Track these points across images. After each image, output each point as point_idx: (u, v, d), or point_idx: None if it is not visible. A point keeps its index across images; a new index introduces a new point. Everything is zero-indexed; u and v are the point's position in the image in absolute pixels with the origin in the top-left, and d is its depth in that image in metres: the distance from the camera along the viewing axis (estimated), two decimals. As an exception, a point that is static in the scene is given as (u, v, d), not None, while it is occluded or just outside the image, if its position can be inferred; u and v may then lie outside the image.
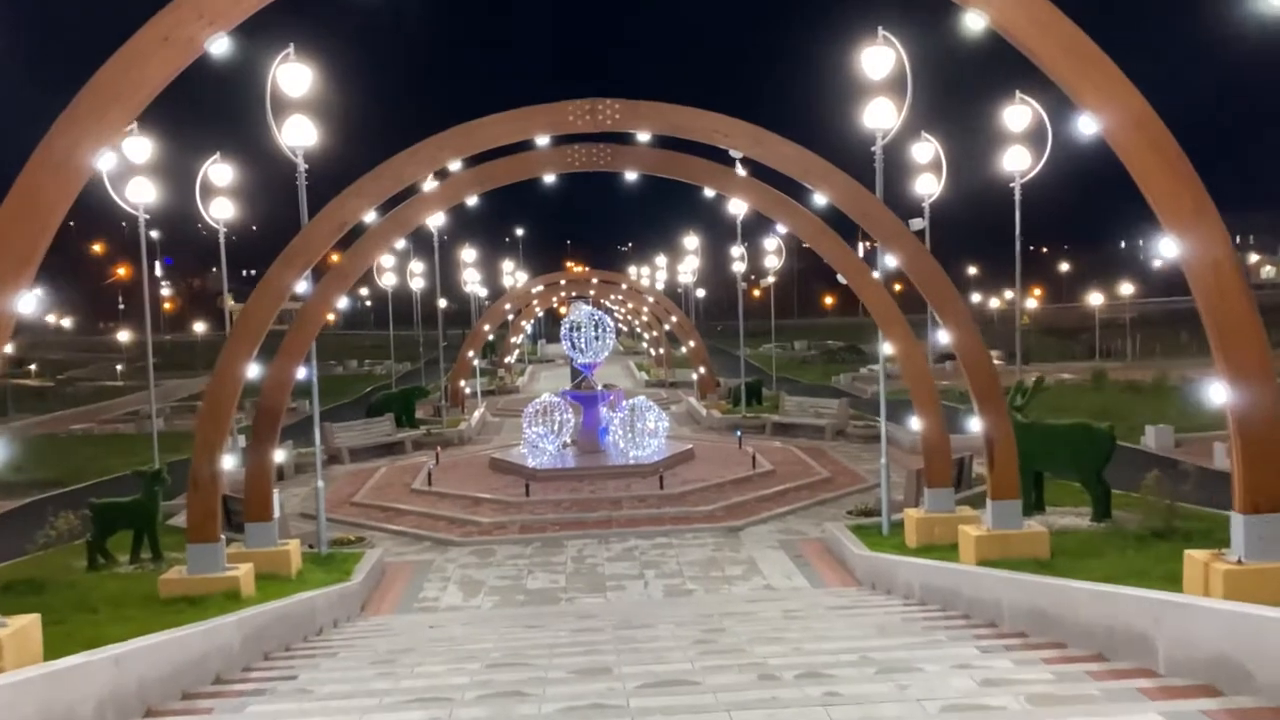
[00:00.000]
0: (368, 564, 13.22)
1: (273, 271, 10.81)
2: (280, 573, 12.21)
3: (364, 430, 24.41)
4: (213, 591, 10.52)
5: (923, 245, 10.68)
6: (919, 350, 12.62)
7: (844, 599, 10.84)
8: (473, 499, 17.49)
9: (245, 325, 10.74)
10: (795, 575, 12.88)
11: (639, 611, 10.72)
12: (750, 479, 18.18)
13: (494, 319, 39.41)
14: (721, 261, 61.15)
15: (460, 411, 31.28)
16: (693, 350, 35.31)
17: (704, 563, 13.64)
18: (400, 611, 12.18)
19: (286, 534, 14.84)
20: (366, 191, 10.81)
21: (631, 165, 12.40)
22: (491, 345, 56.22)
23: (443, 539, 15.44)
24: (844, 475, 18.92)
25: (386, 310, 40.64)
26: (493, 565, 14.05)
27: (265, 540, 12.37)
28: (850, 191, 10.80)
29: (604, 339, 20.56)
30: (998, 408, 10.67)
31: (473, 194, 12.67)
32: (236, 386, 10.78)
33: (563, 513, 16.39)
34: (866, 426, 23.36)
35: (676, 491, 17.09)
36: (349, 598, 11.85)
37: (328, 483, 20.97)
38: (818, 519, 15.86)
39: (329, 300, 12.65)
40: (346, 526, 16.64)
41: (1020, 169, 17.34)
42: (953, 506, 12.61)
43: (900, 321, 12.62)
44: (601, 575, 13.31)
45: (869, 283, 12.59)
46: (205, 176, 20.94)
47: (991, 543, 10.55)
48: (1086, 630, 6.73)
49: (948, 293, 10.69)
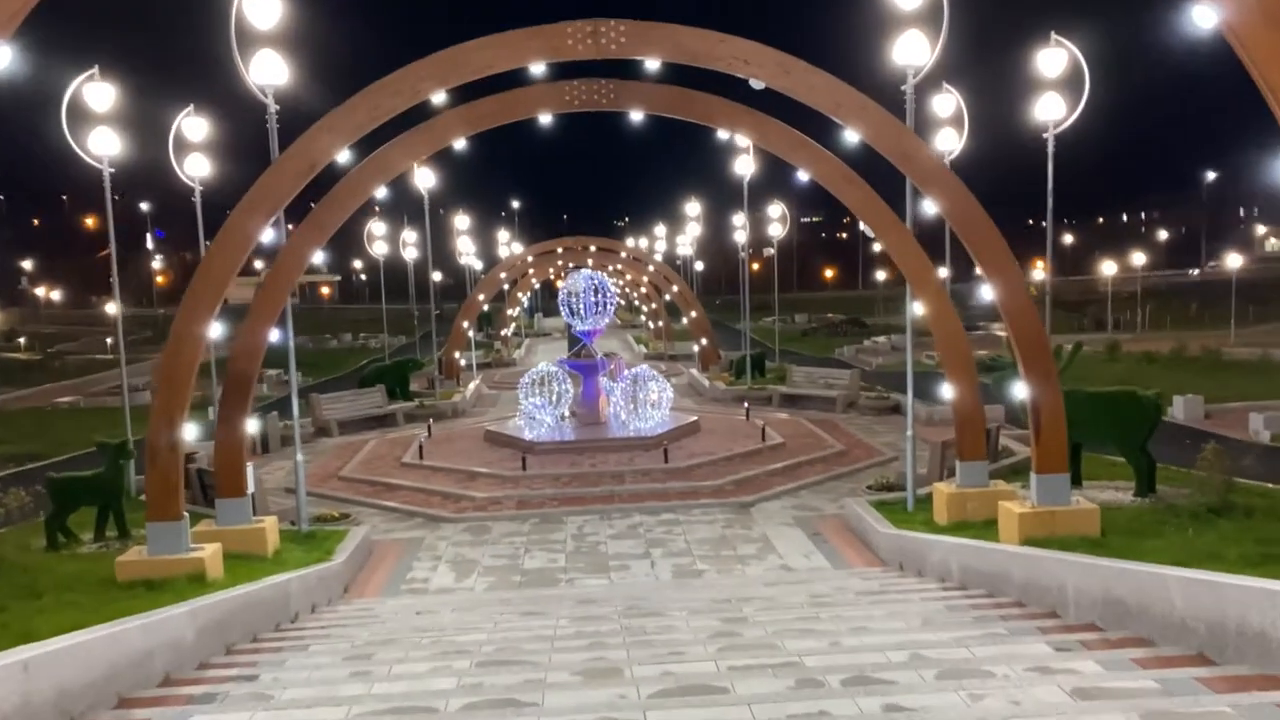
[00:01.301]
0: (352, 542, 12.21)
1: (234, 218, 9.67)
2: (255, 552, 11.19)
3: (353, 402, 23.35)
4: (175, 574, 9.50)
5: (967, 189, 9.56)
6: (952, 311, 11.55)
7: (873, 582, 9.84)
8: (467, 473, 16.47)
9: (204, 279, 9.63)
10: (814, 554, 11.88)
11: (647, 596, 9.72)
12: (760, 452, 17.16)
13: (489, 288, 38.20)
14: (720, 234, 59.90)
15: (456, 384, 30.23)
16: (694, 321, 34.20)
17: (714, 541, 12.64)
18: (386, 594, 11.17)
19: (266, 510, 13.78)
20: (339, 127, 9.65)
21: (637, 104, 11.22)
22: (488, 317, 55.15)
23: (434, 515, 14.43)
24: (859, 448, 17.91)
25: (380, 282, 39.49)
26: (487, 543, 13.05)
27: (238, 517, 11.34)
28: (887, 127, 9.65)
29: (604, 305, 19.44)
30: (1046, 373, 9.61)
31: (461, 136, 11.50)
32: (197, 348, 9.68)
33: (562, 488, 15.37)
34: (878, 398, 22.33)
35: (683, 465, 16.07)
36: (329, 579, 10.84)
37: (315, 456, 19.99)
38: (834, 494, 14.85)
39: (303, 255, 11.52)
40: (332, 502, 15.61)
41: (1054, 119, 16.11)
42: (986, 481, 11.60)
43: (933, 279, 11.54)
44: (604, 554, 12.31)
45: (899, 235, 11.48)
46: (179, 131, 19.71)
47: (1037, 520, 9.54)
48: (1181, 625, 5.71)
49: (994, 243, 9.59)
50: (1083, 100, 16.43)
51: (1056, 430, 9.68)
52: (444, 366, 31.87)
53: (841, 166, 11.61)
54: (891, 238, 11.53)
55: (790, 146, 11.50)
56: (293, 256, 11.58)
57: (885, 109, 9.66)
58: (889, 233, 11.53)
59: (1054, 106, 16.21)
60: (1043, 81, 16.13)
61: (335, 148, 9.88)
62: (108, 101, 15.52)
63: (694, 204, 43.21)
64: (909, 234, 11.52)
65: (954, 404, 11.63)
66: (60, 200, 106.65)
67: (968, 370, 11.60)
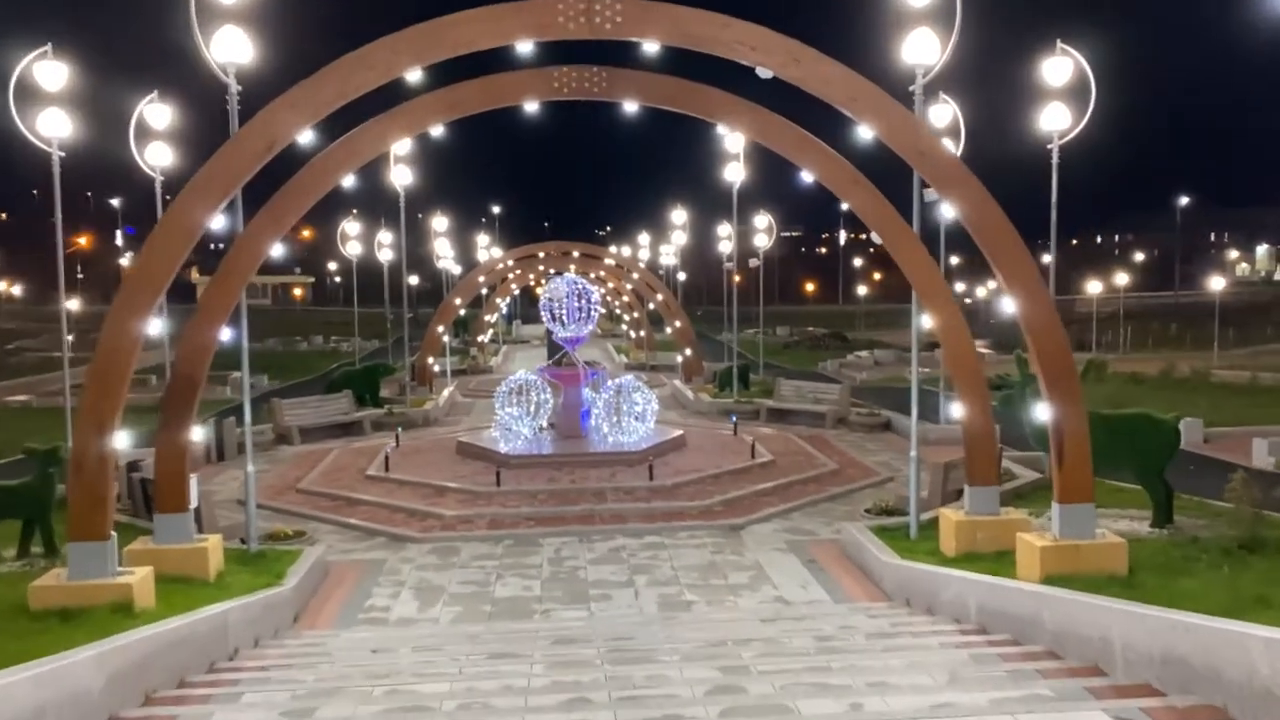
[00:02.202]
0: (305, 564, 11.12)
1: (179, 203, 8.63)
2: (196, 575, 10.08)
3: (317, 408, 22.17)
4: (97, 603, 8.38)
5: (988, 193, 8.74)
6: (963, 326, 10.73)
7: (881, 620, 8.94)
8: (436, 488, 15.41)
9: (142, 271, 8.58)
10: (811, 585, 10.97)
11: (633, 634, 8.75)
12: (749, 470, 16.25)
13: (466, 293, 37.13)
14: (703, 245, 59.09)
15: (429, 391, 29.11)
16: (679, 331, 33.35)
17: (703, 568, 11.70)
18: (340, 625, 10.11)
19: (213, 525, 12.67)
20: (303, 103, 8.65)
21: (631, 94, 10.32)
22: (464, 323, 53.99)
23: (399, 534, 13.37)
24: (852, 467, 17.06)
25: (353, 284, 38.25)
26: (455, 567, 12.02)
27: (178, 536, 10.23)
28: (903, 124, 8.82)
29: (588, 312, 18.48)
30: (1072, 395, 8.78)
31: (438, 122, 10.54)
32: (132, 346, 8.61)
33: (538, 506, 14.36)
34: (869, 415, 21.53)
35: (668, 483, 15.12)
36: (277, 608, 9.77)
37: (273, 466, 18.81)
38: (828, 517, 13.97)
39: (259, 248, 10.47)
40: (288, 517, 14.48)
41: (1059, 129, 15.45)
42: (997, 508, 10.76)
43: (943, 291, 10.72)
44: (583, 581, 11.33)
45: (908, 243, 10.66)
46: (141, 118, 18.60)
47: (1060, 555, 8.70)
48: (1267, 695, 4.86)
49: (1017, 252, 8.77)
50: (1089, 111, 15.82)
51: (1081, 456, 8.86)
52: (417, 372, 30.73)
53: (848, 168, 10.78)
54: (900, 245, 10.70)
55: (794, 145, 10.66)
56: (248, 249, 10.54)
57: (902, 105, 8.84)
58: (897, 240, 10.70)
59: (1059, 117, 15.61)
60: (1047, 91, 15.51)
61: (298, 126, 8.87)
62: (60, 81, 14.42)
63: (678, 213, 42.39)
64: (918, 242, 10.70)
65: (964, 424, 10.80)
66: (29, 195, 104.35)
67: (979, 389, 10.78)
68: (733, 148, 24.46)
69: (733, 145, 24.49)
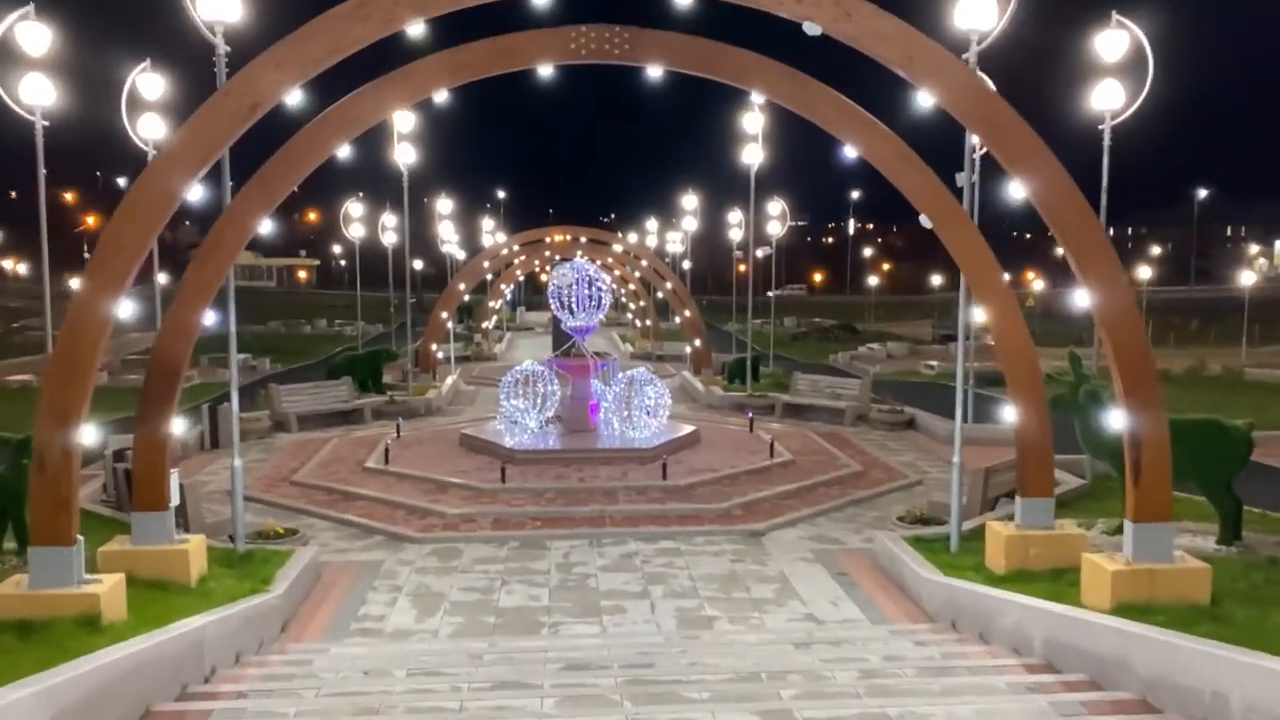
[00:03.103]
0: (296, 566, 10.25)
1: (153, 170, 7.70)
2: (175, 579, 9.20)
3: (316, 394, 21.28)
4: (61, 615, 7.50)
5: (1065, 172, 7.78)
6: (1020, 320, 9.77)
7: (930, 649, 8.04)
8: (437, 483, 14.52)
9: (112, 246, 7.65)
10: (843, 602, 10.06)
11: (651, 657, 7.87)
12: (768, 470, 15.34)
13: (470, 278, 36.17)
14: (710, 234, 57.95)
15: (432, 378, 28.22)
16: (688, 321, 32.36)
17: (723, 578, 10.80)
18: (331, 636, 9.25)
19: (200, 522, 11.81)
20: (289, 60, 7.69)
21: (655, 57, 9.34)
22: (468, 309, 53.09)
23: (397, 533, 12.49)
24: (877, 469, 16.13)
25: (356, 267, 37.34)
26: (457, 570, 11.15)
27: (156, 536, 9.35)
28: (969, 89, 7.84)
29: (599, 300, 17.53)
30: (1152, 400, 7.84)
31: (444, 86, 9.58)
32: (101, 330, 7.70)
33: (545, 505, 13.47)
34: (892, 412, 20.58)
35: (683, 483, 14.21)
36: (262, 618, 8.89)
37: (268, 455, 17.95)
38: (856, 524, 13.06)
39: (246, 223, 9.54)
40: (280, 512, 13.62)
41: (1111, 108, 14.41)
42: (1052, 522, 9.83)
43: (997, 280, 9.75)
44: (594, 591, 10.44)
45: (961, 227, 9.70)
46: (133, 88, 17.67)
47: (1135, 580, 7.77)
48: None
49: (1095, 239, 7.81)
50: (1145, 88, 14.79)
51: (1161, 470, 7.93)
52: (420, 359, 29.85)
53: (898, 143, 9.80)
54: (952, 229, 9.74)
55: (838, 116, 9.68)
56: (235, 224, 9.61)
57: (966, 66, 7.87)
58: (949, 223, 9.73)
59: (1111, 95, 14.59)
60: (1101, 67, 14.48)
61: (284, 86, 7.92)
62: (43, 45, 13.47)
63: (687, 199, 41.31)
64: (971, 225, 9.74)
65: (1018, 429, 9.86)
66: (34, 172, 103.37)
67: (1035, 389, 9.84)
68: (751, 128, 23.38)
69: (751, 126, 23.41)
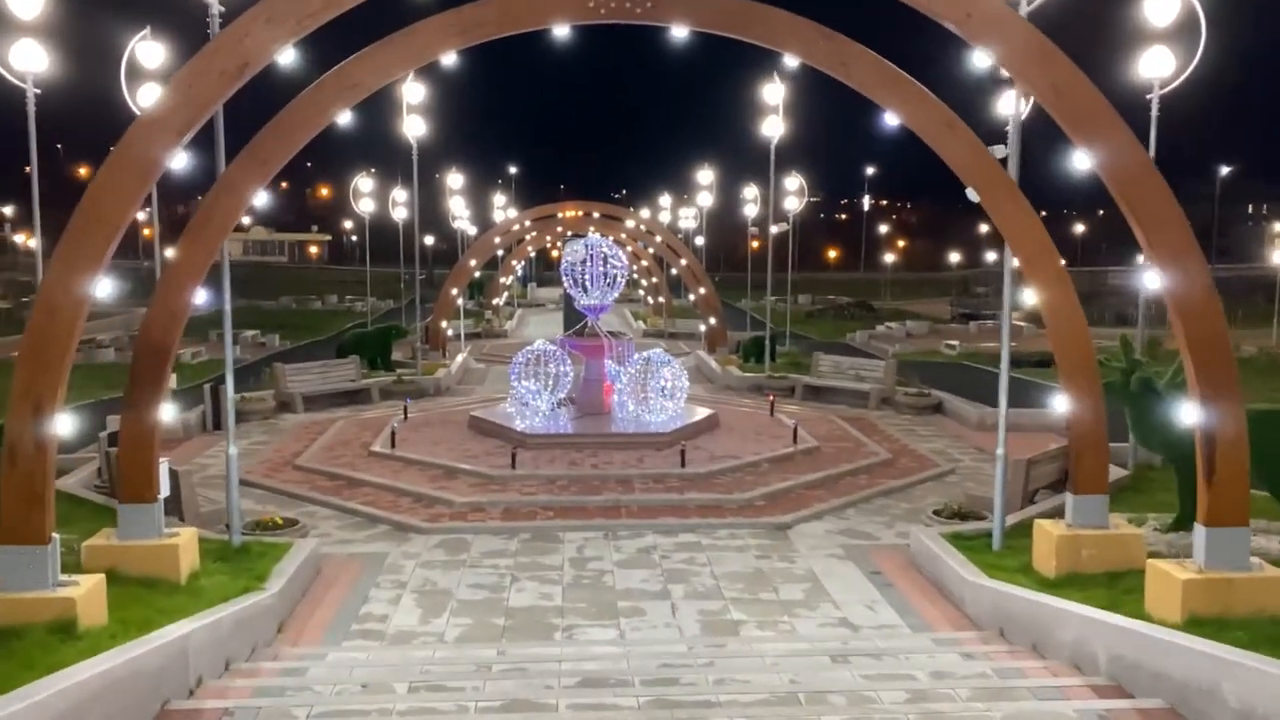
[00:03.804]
0: (294, 561, 9.64)
1: (134, 135, 6.99)
2: (164, 576, 8.59)
3: (323, 373, 20.67)
4: (34, 620, 6.90)
5: (1138, 141, 6.99)
6: (1075, 303, 8.99)
7: (981, 663, 7.35)
8: (445, 469, 13.90)
9: (89, 216, 6.96)
10: (880, 604, 9.39)
11: (675, 669, 7.22)
12: (792, 458, 14.64)
13: (481, 253, 35.46)
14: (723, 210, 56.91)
15: (442, 355, 27.61)
16: (703, 298, 31.61)
17: (749, 577, 10.14)
18: (330, 638, 8.65)
19: (194, 512, 11.25)
20: (282, 14, 6.95)
21: (680, 15, 8.52)
22: (479, 285, 52.42)
23: (402, 523, 11.89)
24: (906, 456, 15.40)
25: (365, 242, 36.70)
26: (465, 565, 10.53)
27: (143, 529, 8.74)
28: (1032, 48, 7.02)
29: (614, 277, 16.78)
30: (1230, 393, 7.09)
31: (452, 48, 8.79)
32: (77, 310, 7.04)
33: (558, 494, 12.83)
34: (919, 395, 19.80)
35: (703, 471, 13.53)
36: (255, 620, 8.29)
37: (272, 437, 17.37)
38: (887, 516, 12.37)
39: (241, 194, 8.83)
40: (281, 499, 13.05)
41: (1160, 76, 13.47)
42: (1107, 521, 9.10)
43: (1052, 260, 8.96)
44: (611, 589, 9.81)
45: (1011, 201, 8.89)
46: (133, 57, 16.93)
47: (1209, 590, 7.05)
48: None
49: (1170, 215, 7.02)
50: (1197, 55, 13.84)
51: (1238, 470, 7.20)
52: (429, 336, 29.25)
53: (942, 109, 8.97)
54: (1000, 203, 8.93)
55: (880, 81, 8.87)
56: (228, 197, 8.90)
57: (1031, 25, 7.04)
58: (998, 197, 8.93)
59: (1161, 62, 13.64)
60: (1149, 32, 13.52)
61: (277, 43, 7.19)
62: (35, 8, 12.74)
63: (702, 175, 40.34)
64: (1023, 199, 8.93)
65: (1071, 421, 9.12)
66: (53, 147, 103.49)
67: (1090, 377, 9.07)
68: (771, 99, 22.45)
69: (771, 97, 22.48)
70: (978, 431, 17.36)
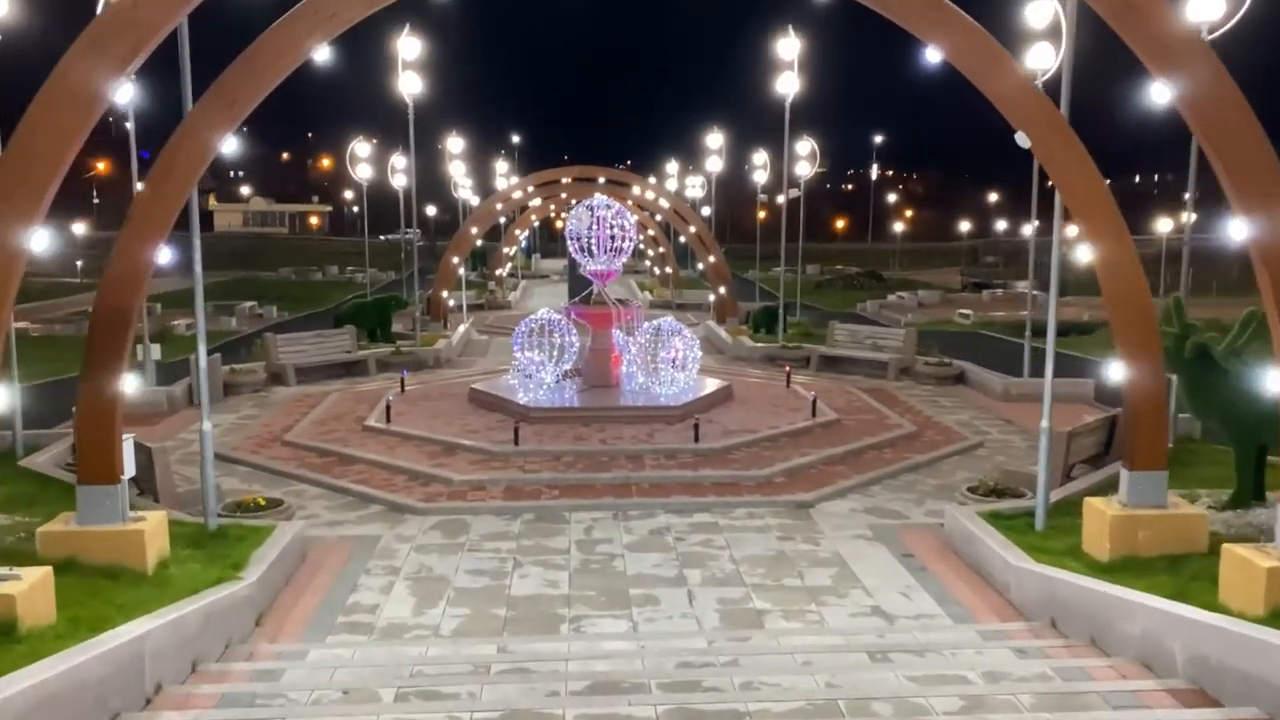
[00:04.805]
0: (276, 546, 8.85)
1: (70, 63, 6.09)
2: (129, 565, 7.82)
3: (316, 344, 19.83)
4: (-30, 619, 6.12)
5: (1227, 73, 6.05)
6: (1135, 261, 8.08)
7: (1038, 662, 6.53)
8: (444, 445, 13.10)
9: (21, 157, 6.07)
10: (915, 591, 8.58)
11: (697, 669, 6.43)
12: (810, 431, 13.80)
13: (483, 221, 34.47)
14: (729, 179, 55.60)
15: (443, 326, 26.75)
16: (713, 266, 30.61)
17: (771, 560, 9.34)
18: (313, 633, 7.88)
19: (170, 492, 10.45)
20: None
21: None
22: (481, 255, 51.43)
23: (398, 503, 11.10)
24: (931, 429, 14.54)
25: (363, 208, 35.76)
26: (464, 549, 9.75)
27: (105, 514, 7.95)
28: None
29: (623, 240, 15.84)
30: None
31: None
32: (9, 267, 6.16)
33: (563, 471, 12.02)
34: (940, 364, 18.91)
35: (717, 446, 12.70)
36: (229, 613, 7.51)
37: (262, 411, 16.58)
38: (915, 493, 11.55)
39: (206, 141, 7.92)
40: (269, 477, 12.28)
41: (1210, 20, 12.39)
42: (1165, 498, 8.26)
43: (1111, 213, 8.03)
44: (621, 575, 9.02)
45: (1066, 146, 7.95)
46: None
47: (1300, 582, 6.20)
48: None
49: (1257, 153, 6.09)
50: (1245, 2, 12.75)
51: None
52: (430, 307, 28.38)
53: (990, 41, 8.00)
54: (1054, 148, 8.00)
55: (920, 9, 7.89)
56: (192, 142, 8.00)
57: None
58: (1052, 141, 7.98)
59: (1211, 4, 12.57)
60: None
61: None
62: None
63: (711, 139, 39.12)
64: (1080, 145, 7.97)
65: (1128, 390, 8.24)
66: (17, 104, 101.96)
67: (1150, 342, 8.19)
68: (786, 55, 21.32)
69: (786, 52, 21.35)
70: (1003, 402, 16.50)
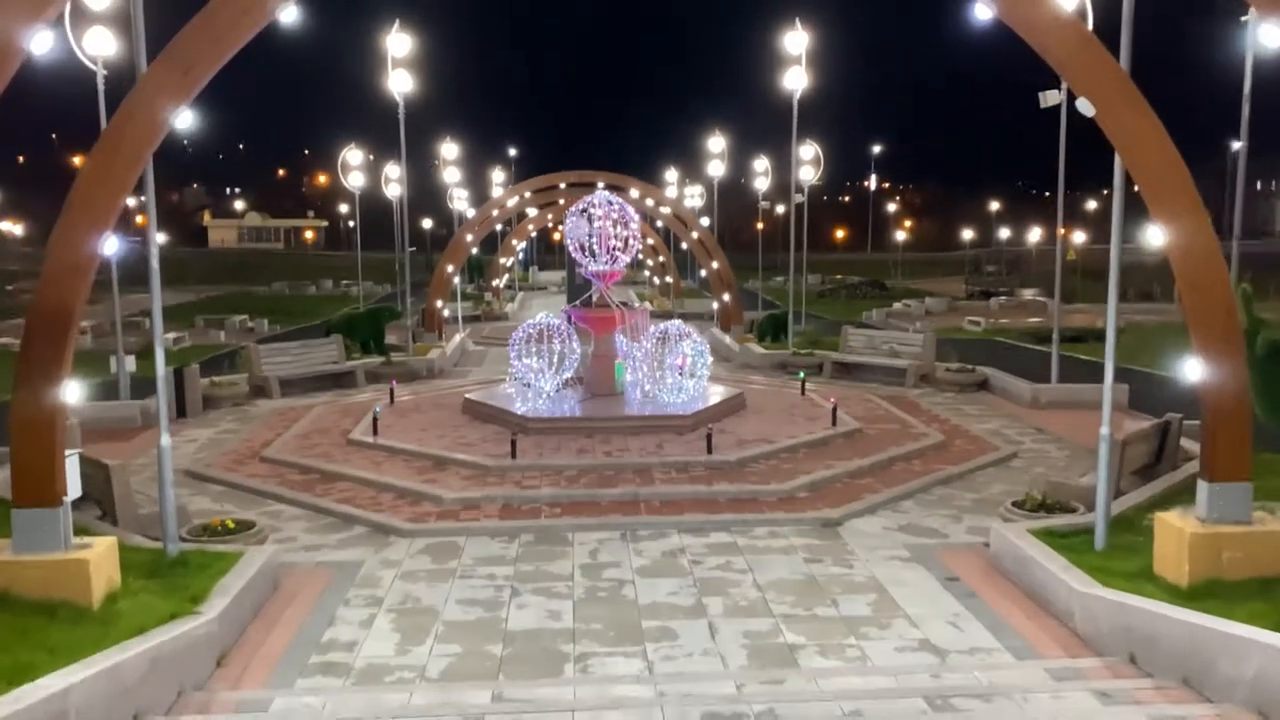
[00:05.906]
0: (243, 575, 7.83)
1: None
2: (72, 600, 6.83)
3: (301, 355, 18.83)
4: None
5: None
6: (1212, 242, 7.14)
7: (1129, 710, 5.53)
8: (434, 459, 12.10)
9: None
10: (966, 621, 7.57)
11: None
12: (831, 442, 12.81)
13: (479, 229, 33.54)
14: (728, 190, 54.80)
15: (438, 337, 25.79)
16: (716, 274, 29.68)
17: (799, 586, 8.33)
18: (281, 675, 6.85)
19: (130, 515, 9.43)
20: None
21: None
22: (478, 266, 50.58)
23: (383, 524, 10.08)
24: (960, 438, 13.55)
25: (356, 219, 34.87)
26: (455, 575, 8.73)
27: (45, 541, 6.97)
28: None
29: (626, 240, 14.88)
30: None
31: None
32: None
33: (566, 486, 11.01)
34: (961, 371, 17.93)
35: (733, 459, 11.70)
36: (184, 655, 6.48)
37: (242, 425, 15.55)
38: (952, 509, 10.54)
39: (157, 112, 6.97)
40: (244, 496, 11.26)
41: None
42: (1249, 513, 7.28)
43: (1187, 189, 7.08)
44: (633, 605, 8.00)
45: (1134, 114, 7.01)
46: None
47: None
48: None
49: None
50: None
51: None
52: (425, 318, 27.44)
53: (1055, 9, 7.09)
54: (1120, 115, 7.06)
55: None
56: (140, 114, 7.05)
57: None
58: (1117, 107, 7.05)
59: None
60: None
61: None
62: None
63: (712, 143, 38.29)
64: (1153, 115, 7.04)
65: (1206, 391, 7.27)
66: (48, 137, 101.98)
67: (1232, 340, 7.23)
68: (793, 48, 20.47)
69: (793, 46, 20.50)
70: (1032, 410, 15.53)
